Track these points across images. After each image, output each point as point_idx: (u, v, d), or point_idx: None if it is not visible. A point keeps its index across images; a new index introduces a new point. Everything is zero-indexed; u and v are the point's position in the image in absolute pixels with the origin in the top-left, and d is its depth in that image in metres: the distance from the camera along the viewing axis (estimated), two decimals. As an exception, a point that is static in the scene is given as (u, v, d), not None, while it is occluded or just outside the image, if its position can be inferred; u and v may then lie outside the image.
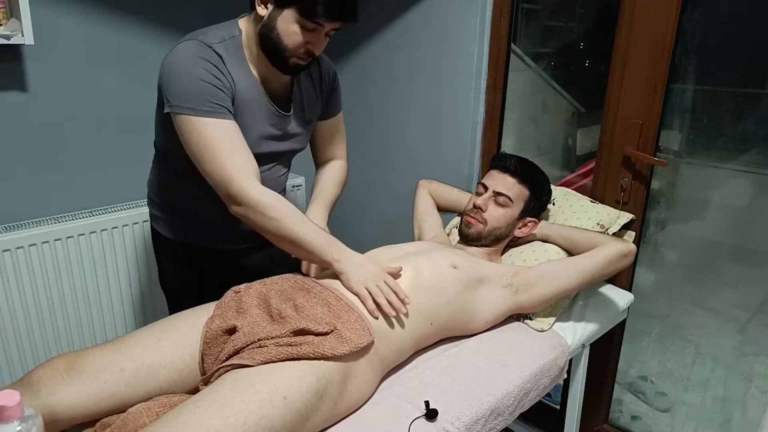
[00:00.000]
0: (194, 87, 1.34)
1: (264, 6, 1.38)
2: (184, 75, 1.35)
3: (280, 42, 1.38)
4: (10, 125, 1.94)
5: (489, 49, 2.11)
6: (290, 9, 1.35)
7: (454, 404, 1.25)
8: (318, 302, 1.26)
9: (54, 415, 1.07)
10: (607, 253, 1.51)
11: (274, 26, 1.37)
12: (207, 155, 1.34)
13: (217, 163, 1.34)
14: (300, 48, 1.39)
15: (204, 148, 1.34)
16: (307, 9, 1.34)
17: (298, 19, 1.35)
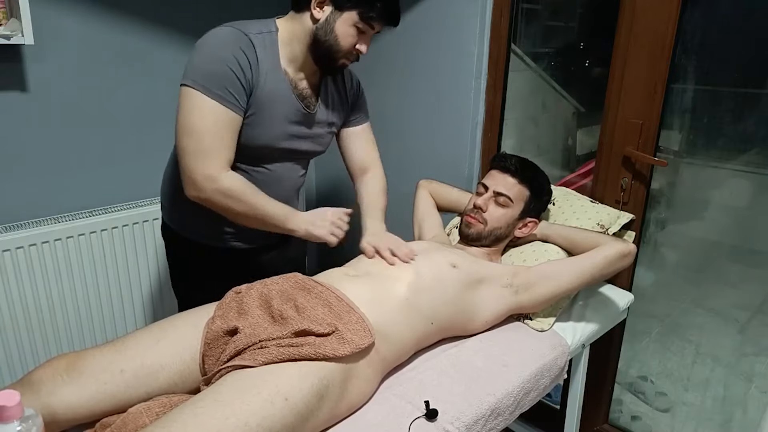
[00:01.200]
0: (217, 69, 1.36)
1: (320, 8, 1.42)
2: (212, 55, 1.37)
3: (337, 43, 1.44)
4: (10, 125, 1.94)
5: (489, 49, 2.11)
6: (350, 12, 1.42)
7: (454, 404, 1.25)
8: (319, 303, 1.26)
9: (54, 415, 1.07)
10: (607, 253, 1.51)
11: (332, 28, 1.43)
12: (191, 132, 1.36)
13: (199, 143, 1.36)
14: (352, 49, 1.47)
15: (193, 125, 1.36)
16: (367, 12, 1.42)
17: (356, 21, 1.43)
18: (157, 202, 2.27)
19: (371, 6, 1.42)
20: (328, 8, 1.42)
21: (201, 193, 1.40)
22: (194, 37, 1.40)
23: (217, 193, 1.40)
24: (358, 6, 1.41)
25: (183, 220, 1.65)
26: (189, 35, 2.27)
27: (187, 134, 1.36)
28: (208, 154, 1.37)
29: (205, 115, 1.36)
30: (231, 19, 1.50)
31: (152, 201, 2.29)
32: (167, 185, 1.67)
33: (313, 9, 1.42)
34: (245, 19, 1.50)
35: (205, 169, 1.37)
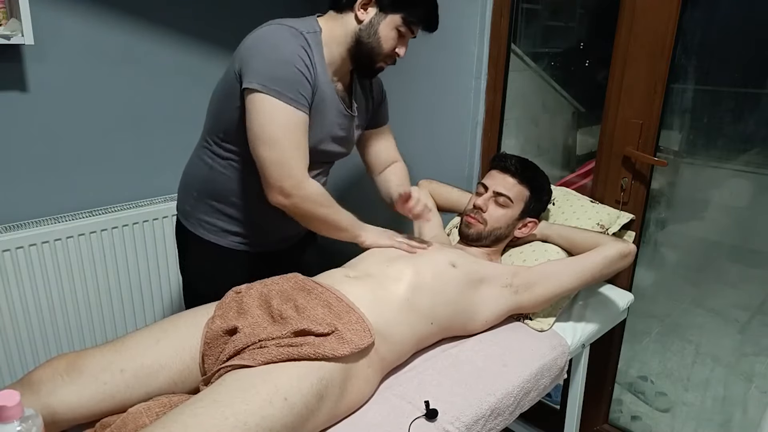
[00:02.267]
0: (286, 71, 1.34)
1: (364, 10, 1.44)
2: (278, 57, 1.35)
3: (379, 45, 1.46)
4: (10, 125, 1.94)
5: (489, 49, 2.11)
6: (394, 15, 1.44)
7: (454, 404, 1.25)
8: (319, 303, 1.26)
9: (54, 415, 1.07)
10: (607, 253, 1.51)
11: (376, 30, 1.44)
12: (273, 141, 1.34)
13: (282, 153, 1.35)
14: (391, 52, 1.48)
15: (273, 134, 1.34)
16: (412, 17, 1.45)
17: (399, 24, 1.45)
18: (158, 201, 2.28)
19: (415, 10, 1.45)
20: (372, 10, 1.43)
21: (288, 199, 1.40)
22: (195, 36, 1.40)
23: (304, 199, 1.41)
24: (403, 9, 1.43)
25: (215, 224, 1.61)
26: (189, 35, 2.27)
27: (269, 144, 1.35)
28: (292, 161, 1.37)
29: (283, 123, 1.35)
30: (232, 19, 1.51)
31: (152, 201, 2.29)
32: (199, 187, 1.61)
33: (357, 10, 1.43)
34: (247, 20, 1.51)
35: (291, 177, 1.37)
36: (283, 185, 1.37)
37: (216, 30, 2.32)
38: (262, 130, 1.35)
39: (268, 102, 1.33)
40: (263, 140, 1.35)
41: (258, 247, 1.65)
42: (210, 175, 1.57)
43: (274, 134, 1.34)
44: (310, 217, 1.47)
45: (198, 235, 1.62)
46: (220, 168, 1.55)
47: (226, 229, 1.60)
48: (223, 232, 1.61)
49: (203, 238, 1.61)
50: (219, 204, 1.58)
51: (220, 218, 1.59)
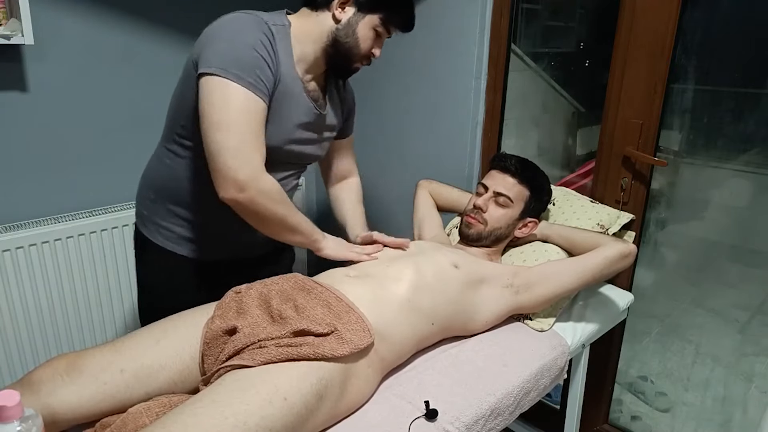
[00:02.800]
0: (246, 55, 1.26)
1: (342, 9, 1.39)
2: (238, 41, 1.26)
3: (357, 46, 1.42)
4: (10, 125, 1.94)
5: (489, 49, 2.11)
6: (372, 15, 1.40)
7: (454, 404, 1.25)
8: (318, 303, 1.26)
9: (54, 415, 1.07)
10: (607, 253, 1.51)
11: (354, 30, 1.40)
12: (228, 125, 1.23)
13: (239, 138, 1.24)
14: (368, 53, 1.45)
15: (229, 118, 1.23)
16: (391, 17, 1.42)
17: (377, 25, 1.42)
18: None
19: (394, 11, 1.42)
20: (350, 9, 1.39)
21: (243, 193, 1.26)
22: (194, 36, 1.39)
23: (261, 194, 1.29)
24: (382, 10, 1.40)
25: (172, 230, 1.50)
26: (189, 35, 2.26)
27: (224, 129, 1.23)
28: (248, 150, 1.25)
29: (240, 107, 1.24)
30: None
31: (152, 201, 2.29)
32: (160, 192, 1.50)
33: (335, 9, 1.39)
34: None
35: (248, 167, 1.25)
36: (238, 176, 1.24)
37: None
38: (216, 113, 1.23)
39: (225, 85, 1.23)
40: (217, 124, 1.23)
41: (217, 255, 1.54)
42: (169, 176, 1.47)
43: (231, 118, 1.23)
44: (266, 217, 1.34)
45: (155, 242, 1.51)
46: (178, 168, 1.45)
47: (184, 235, 1.50)
48: (181, 239, 1.50)
49: (161, 246, 1.50)
50: (177, 207, 1.48)
51: (178, 223, 1.49)
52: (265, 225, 1.38)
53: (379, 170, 2.58)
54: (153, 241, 1.51)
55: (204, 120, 1.24)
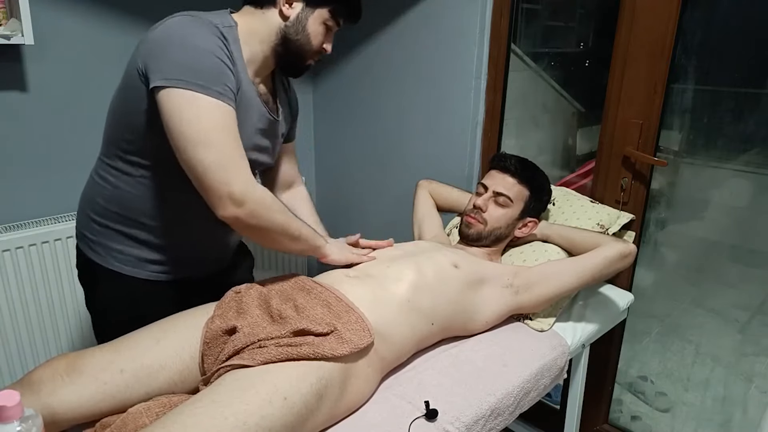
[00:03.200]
0: (207, 62, 1.17)
1: (289, 5, 1.32)
2: (194, 48, 1.16)
3: (308, 42, 1.35)
4: (10, 125, 1.94)
5: (489, 49, 2.11)
6: (322, 9, 1.33)
7: (454, 404, 1.25)
8: (318, 303, 1.26)
9: (54, 415, 1.07)
10: (607, 253, 1.51)
11: (304, 26, 1.33)
12: (209, 142, 1.14)
13: (223, 153, 1.15)
14: (320, 48, 1.39)
15: (207, 133, 1.14)
16: (340, 10, 1.35)
17: (327, 19, 1.35)
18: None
19: (342, 2, 1.35)
20: (298, 5, 1.32)
21: (242, 207, 1.18)
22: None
23: (258, 205, 1.21)
24: (330, 2, 1.33)
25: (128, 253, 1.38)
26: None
27: (206, 145, 1.14)
28: (236, 162, 1.17)
29: (216, 120, 1.16)
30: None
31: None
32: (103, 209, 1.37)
33: (282, 5, 1.31)
34: None
35: (240, 180, 1.17)
36: (233, 190, 1.16)
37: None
38: (192, 130, 1.13)
39: (194, 98, 1.13)
40: (197, 141, 1.13)
41: (183, 273, 1.43)
42: (115, 196, 1.34)
43: (210, 134, 1.14)
44: (267, 228, 1.26)
45: (110, 268, 1.38)
46: (126, 186, 1.33)
47: (144, 257, 1.38)
48: (141, 261, 1.38)
49: (117, 272, 1.38)
50: (129, 229, 1.36)
51: (134, 246, 1.37)
52: (266, 237, 1.30)
53: (379, 170, 2.58)
54: (106, 266, 1.38)
55: (178, 138, 1.15)
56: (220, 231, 1.43)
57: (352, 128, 2.64)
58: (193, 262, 1.45)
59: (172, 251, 1.40)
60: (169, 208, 1.34)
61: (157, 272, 1.40)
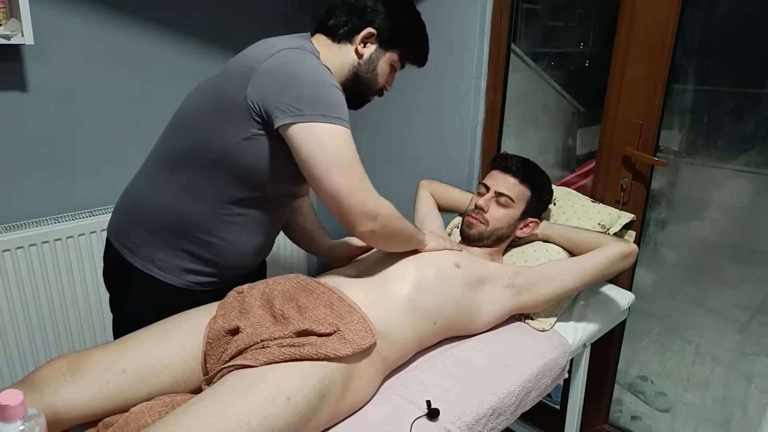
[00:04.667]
0: (335, 96, 1.25)
1: (364, 45, 1.39)
2: (324, 82, 1.25)
3: (375, 81, 1.43)
4: (10, 125, 1.94)
5: (489, 49, 2.11)
6: (393, 52, 1.41)
7: (455, 404, 1.25)
8: (321, 303, 1.26)
9: (56, 414, 1.07)
10: (608, 253, 1.51)
11: (375, 66, 1.40)
12: (348, 168, 1.24)
13: (357, 176, 1.25)
14: (382, 87, 1.47)
15: (346, 160, 1.24)
16: (410, 54, 1.44)
17: (395, 61, 1.43)
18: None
19: (413, 47, 1.44)
20: (372, 46, 1.39)
21: (377, 221, 1.28)
22: (195, 36, 1.38)
23: (388, 217, 1.32)
24: (402, 47, 1.41)
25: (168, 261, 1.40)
26: (189, 35, 2.27)
27: (345, 172, 1.23)
28: (367, 183, 1.28)
29: (350, 147, 1.25)
30: (232, 19, 1.49)
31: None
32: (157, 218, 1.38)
33: (358, 44, 1.38)
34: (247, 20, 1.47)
35: (372, 198, 1.28)
36: (368, 208, 1.26)
37: (216, 30, 2.32)
38: (333, 159, 1.22)
39: (333, 130, 1.22)
40: (337, 169, 1.22)
41: (216, 285, 1.46)
42: (174, 208, 1.36)
43: (347, 160, 1.24)
44: (395, 235, 1.38)
45: (148, 273, 1.40)
46: (191, 200, 1.35)
47: (185, 267, 1.40)
48: (181, 270, 1.40)
49: (155, 277, 1.39)
50: (179, 240, 1.38)
51: (179, 255, 1.39)
52: (392, 242, 1.41)
53: (379, 170, 2.57)
54: (144, 270, 1.40)
55: (319, 169, 1.22)
56: (268, 245, 1.51)
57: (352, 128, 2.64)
58: (230, 272, 1.47)
59: (215, 263, 1.42)
60: (227, 225, 1.38)
61: (192, 282, 1.42)
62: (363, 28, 1.37)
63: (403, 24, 1.41)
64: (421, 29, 1.46)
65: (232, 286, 1.38)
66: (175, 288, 1.40)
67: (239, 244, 1.42)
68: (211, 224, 1.37)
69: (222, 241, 1.39)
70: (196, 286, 1.42)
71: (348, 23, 1.38)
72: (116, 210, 1.48)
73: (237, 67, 1.28)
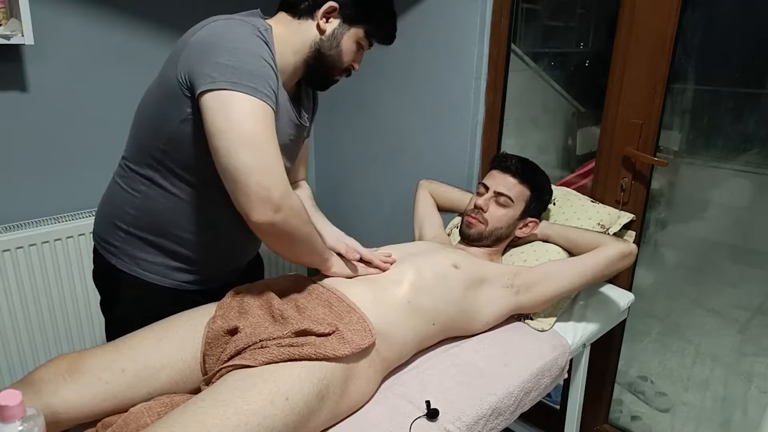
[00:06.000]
0: (256, 64, 1.14)
1: (327, 20, 1.32)
2: (242, 50, 1.14)
3: (340, 59, 1.35)
4: (10, 125, 1.94)
5: (489, 49, 2.11)
6: (357, 28, 1.34)
7: (455, 404, 1.25)
8: (320, 303, 1.26)
9: (55, 415, 1.07)
10: (608, 253, 1.51)
11: (338, 42, 1.33)
12: (255, 144, 1.10)
13: (266, 156, 1.11)
14: (349, 66, 1.39)
15: (253, 135, 1.10)
16: (375, 30, 1.37)
17: (360, 38, 1.36)
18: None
19: (379, 24, 1.37)
20: (335, 21, 1.32)
21: (279, 213, 1.13)
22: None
23: (293, 213, 1.17)
24: (367, 22, 1.34)
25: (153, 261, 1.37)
26: (189, 35, 2.27)
27: (250, 147, 1.09)
28: (278, 167, 1.13)
29: (262, 122, 1.12)
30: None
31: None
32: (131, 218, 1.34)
33: (320, 19, 1.31)
34: None
35: (281, 186, 1.13)
36: (272, 194, 1.11)
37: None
38: (237, 131, 1.10)
39: (242, 99, 1.11)
40: (242, 143, 1.09)
41: (207, 283, 1.43)
42: (145, 206, 1.32)
43: (255, 136, 1.10)
44: (295, 238, 1.23)
45: (133, 275, 1.37)
46: (159, 197, 1.31)
47: (170, 266, 1.37)
48: (167, 269, 1.37)
49: (141, 279, 1.37)
50: (158, 239, 1.34)
51: (161, 255, 1.36)
52: (289, 245, 1.26)
53: (379, 170, 2.58)
54: (129, 273, 1.37)
55: (221, 139, 1.10)
56: (248, 241, 1.44)
57: (352, 128, 2.64)
58: (218, 271, 1.45)
59: (199, 261, 1.39)
60: (203, 219, 1.33)
61: (181, 281, 1.39)
62: (324, 2, 1.30)
63: None
64: (387, 4, 1.38)
65: (225, 285, 1.37)
66: (163, 288, 1.38)
67: (216, 239, 1.37)
68: (180, 219, 1.32)
69: (197, 236, 1.35)
70: (184, 285, 1.40)
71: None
72: (97, 212, 1.46)
73: (175, 47, 1.23)
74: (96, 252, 1.45)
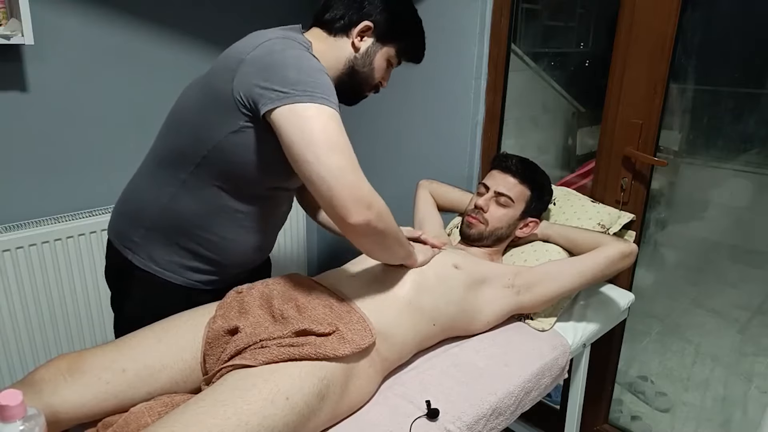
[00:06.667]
0: (324, 80, 1.19)
1: (361, 38, 1.36)
2: (306, 66, 1.18)
3: (372, 75, 1.40)
4: (10, 125, 1.94)
5: (489, 49, 2.11)
6: (389, 46, 1.39)
7: (455, 404, 1.25)
8: (320, 303, 1.26)
9: (56, 415, 1.07)
10: (608, 253, 1.51)
11: (371, 60, 1.38)
12: (342, 147, 1.14)
13: (352, 158, 1.15)
14: (378, 83, 1.44)
15: (338, 140, 1.14)
16: (406, 49, 1.42)
17: (392, 56, 1.40)
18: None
19: (410, 43, 1.42)
20: (369, 39, 1.36)
21: (372, 210, 1.16)
22: (195, 36, 1.37)
23: (383, 209, 1.20)
24: (399, 42, 1.39)
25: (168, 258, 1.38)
26: (190, 35, 2.27)
27: (338, 151, 1.13)
28: (359, 167, 1.16)
29: (340, 128, 1.16)
30: (234, 18, 1.49)
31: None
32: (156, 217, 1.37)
33: (354, 37, 1.35)
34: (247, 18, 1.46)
35: (366, 184, 1.17)
36: (364, 194, 1.15)
37: (217, 29, 2.32)
38: (321, 137, 1.12)
39: (321, 109, 1.14)
40: (327, 147, 1.12)
41: (218, 284, 1.45)
42: (172, 207, 1.34)
43: (339, 140, 1.14)
44: (387, 233, 1.24)
45: (149, 271, 1.39)
46: (188, 199, 1.33)
47: (186, 265, 1.39)
48: (182, 268, 1.39)
49: (156, 275, 1.39)
50: (179, 238, 1.37)
51: (179, 253, 1.38)
52: (383, 243, 1.27)
53: (379, 170, 2.57)
54: (145, 269, 1.39)
55: (306, 149, 1.12)
56: (269, 244, 1.49)
57: (352, 128, 2.63)
58: (231, 270, 1.46)
59: (215, 261, 1.41)
60: (229, 224, 1.36)
61: (194, 280, 1.41)
62: (360, 22, 1.34)
63: (400, 18, 1.39)
64: (418, 24, 1.44)
65: (235, 284, 1.38)
66: (177, 286, 1.40)
67: (238, 242, 1.40)
68: (208, 222, 1.35)
69: (221, 239, 1.37)
70: (197, 284, 1.42)
71: (345, 16, 1.35)
72: (116, 209, 1.47)
73: (225, 61, 1.24)
74: (111, 248, 1.46)
